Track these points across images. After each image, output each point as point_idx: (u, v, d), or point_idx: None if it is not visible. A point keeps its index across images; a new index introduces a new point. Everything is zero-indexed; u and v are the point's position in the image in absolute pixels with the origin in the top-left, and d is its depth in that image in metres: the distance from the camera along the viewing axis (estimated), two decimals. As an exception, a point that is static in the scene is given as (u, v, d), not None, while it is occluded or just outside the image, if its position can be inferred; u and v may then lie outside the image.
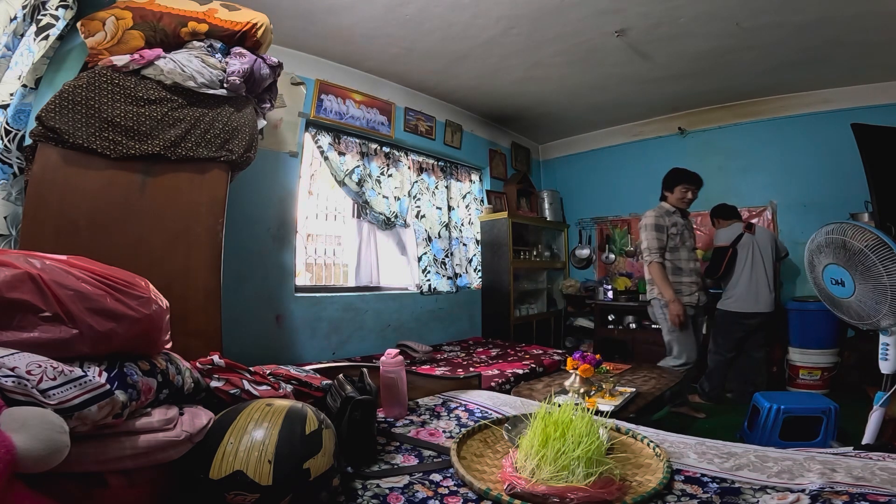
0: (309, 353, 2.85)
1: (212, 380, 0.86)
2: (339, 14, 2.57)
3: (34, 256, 0.59)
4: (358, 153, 3.34)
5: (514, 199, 4.41)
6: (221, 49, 1.69)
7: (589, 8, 2.51)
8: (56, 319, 0.56)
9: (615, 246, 4.55)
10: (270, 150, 2.74)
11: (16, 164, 1.47)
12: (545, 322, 4.40)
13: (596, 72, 3.32)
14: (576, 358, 2.06)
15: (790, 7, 2.44)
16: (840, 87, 3.35)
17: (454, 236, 4.05)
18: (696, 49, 2.93)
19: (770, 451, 0.84)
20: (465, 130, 4.16)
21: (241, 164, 1.71)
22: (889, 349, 1.57)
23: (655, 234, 2.64)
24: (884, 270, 1.52)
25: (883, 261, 1.52)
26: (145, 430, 0.63)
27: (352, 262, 3.38)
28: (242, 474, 0.60)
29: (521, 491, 0.68)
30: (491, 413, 1.12)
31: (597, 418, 0.79)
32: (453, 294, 3.89)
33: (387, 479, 0.79)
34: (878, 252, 1.53)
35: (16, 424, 0.44)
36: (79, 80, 1.43)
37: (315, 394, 0.99)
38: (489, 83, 3.57)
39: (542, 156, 5.23)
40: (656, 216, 2.68)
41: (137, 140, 1.49)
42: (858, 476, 0.70)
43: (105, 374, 0.59)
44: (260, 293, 2.67)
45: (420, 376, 1.37)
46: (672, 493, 0.71)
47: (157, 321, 0.69)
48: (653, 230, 2.64)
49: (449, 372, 2.57)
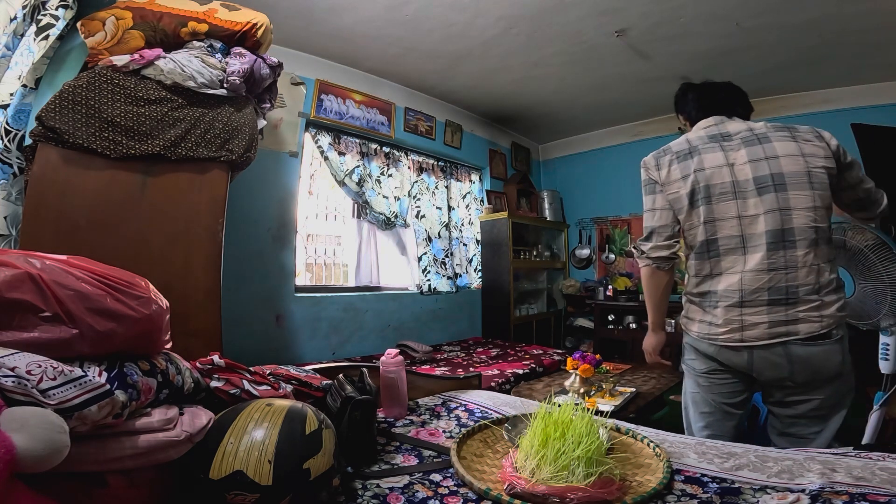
0: (309, 353, 2.85)
1: (212, 380, 0.86)
2: (339, 14, 2.57)
3: (34, 256, 0.59)
4: (358, 153, 3.35)
5: (514, 199, 4.41)
6: (221, 49, 1.69)
7: (589, 8, 2.51)
8: (56, 319, 0.56)
9: (615, 246, 4.55)
10: (270, 150, 2.74)
11: (16, 164, 1.47)
12: (545, 322, 4.40)
13: (596, 72, 3.32)
14: (576, 358, 2.06)
15: (790, 7, 2.43)
16: (840, 87, 3.35)
17: (454, 236, 4.05)
18: (696, 49, 2.93)
19: (770, 451, 0.84)
20: (465, 130, 4.16)
21: (241, 164, 1.71)
22: (889, 349, 1.56)
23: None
24: (884, 270, 1.52)
25: (883, 261, 1.52)
26: (145, 430, 0.62)
27: (352, 262, 3.38)
28: (242, 474, 0.60)
29: (521, 491, 0.68)
30: (491, 413, 1.12)
31: (597, 418, 0.79)
32: (453, 294, 3.89)
33: (387, 479, 0.79)
34: (878, 252, 1.53)
35: (16, 424, 0.44)
36: (79, 80, 1.43)
37: (315, 394, 0.99)
38: (489, 83, 3.57)
39: (542, 156, 5.23)
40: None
41: (137, 140, 1.49)
42: (858, 476, 0.70)
43: (105, 374, 0.59)
44: (260, 293, 2.67)
45: (420, 376, 1.37)
46: (672, 493, 0.71)
47: (157, 321, 0.69)
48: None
49: (449, 372, 2.57)
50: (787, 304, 1.08)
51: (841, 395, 1.10)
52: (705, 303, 1.20)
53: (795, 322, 1.07)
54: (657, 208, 1.28)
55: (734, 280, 1.13)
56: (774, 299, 1.09)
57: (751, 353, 1.12)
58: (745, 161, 1.14)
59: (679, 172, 1.23)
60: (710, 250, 1.17)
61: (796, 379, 1.09)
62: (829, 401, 1.09)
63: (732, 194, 1.15)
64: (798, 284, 1.07)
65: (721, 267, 1.16)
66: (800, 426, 1.13)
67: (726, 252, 1.15)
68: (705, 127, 1.27)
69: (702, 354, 1.24)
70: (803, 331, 1.06)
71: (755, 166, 1.13)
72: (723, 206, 1.15)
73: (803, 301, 1.07)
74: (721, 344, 1.16)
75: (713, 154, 1.19)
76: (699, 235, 1.19)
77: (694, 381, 1.28)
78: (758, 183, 1.12)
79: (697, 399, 1.28)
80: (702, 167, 1.19)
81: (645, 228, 1.32)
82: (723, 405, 1.23)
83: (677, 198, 1.23)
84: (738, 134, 1.20)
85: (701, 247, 1.19)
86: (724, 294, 1.14)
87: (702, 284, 1.21)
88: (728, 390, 1.22)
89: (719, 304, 1.15)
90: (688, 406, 1.32)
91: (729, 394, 1.22)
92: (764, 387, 1.17)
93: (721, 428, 1.23)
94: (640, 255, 1.32)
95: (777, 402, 1.15)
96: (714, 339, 1.17)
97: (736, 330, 1.12)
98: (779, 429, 1.17)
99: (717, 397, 1.23)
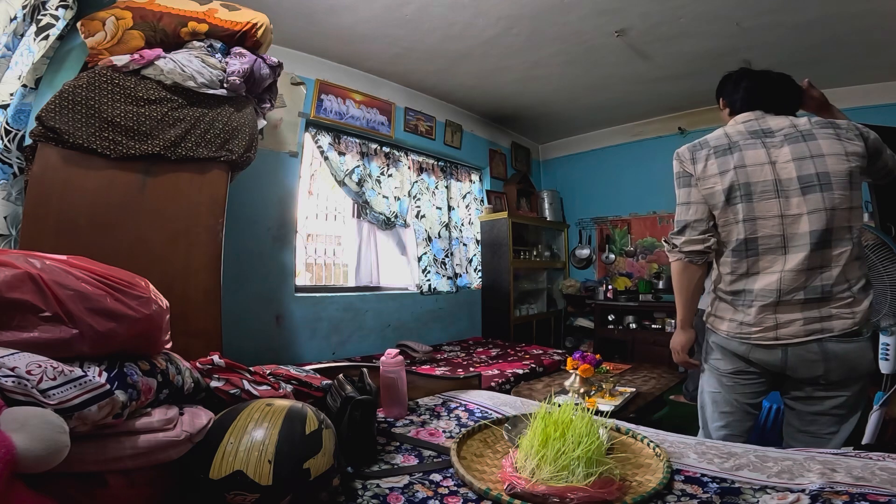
0: (309, 353, 2.85)
1: (212, 380, 0.86)
2: (339, 14, 2.57)
3: (34, 256, 0.59)
4: (358, 153, 3.35)
5: (514, 199, 4.42)
6: (221, 49, 1.69)
7: (589, 8, 2.51)
8: (56, 319, 0.56)
9: (615, 246, 4.55)
10: (270, 150, 2.74)
11: (16, 164, 1.47)
12: (545, 322, 4.41)
13: (596, 72, 3.32)
14: (576, 358, 2.06)
15: (790, 7, 2.44)
16: (840, 87, 3.35)
17: (454, 236, 4.05)
18: (696, 49, 2.93)
19: (770, 451, 0.84)
20: (465, 130, 4.16)
21: (241, 164, 1.71)
22: (889, 349, 1.57)
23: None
24: (884, 270, 1.52)
25: (883, 261, 1.52)
26: (145, 430, 0.62)
27: (352, 262, 3.38)
28: (242, 474, 0.60)
29: (521, 491, 0.68)
30: (491, 413, 1.12)
31: (597, 418, 0.79)
32: (453, 294, 3.89)
33: (387, 479, 0.79)
34: (878, 252, 1.53)
35: (16, 424, 0.44)
36: (79, 80, 1.43)
37: (315, 394, 0.99)
38: (489, 83, 3.57)
39: (542, 156, 5.23)
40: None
41: (137, 140, 1.49)
42: (858, 476, 0.70)
43: (105, 374, 0.59)
44: (260, 293, 2.67)
45: (420, 376, 1.37)
46: (672, 493, 0.71)
47: (157, 321, 0.69)
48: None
49: (449, 372, 2.57)
50: (820, 301, 1.08)
51: (861, 396, 1.10)
52: (738, 301, 1.18)
53: (829, 319, 1.07)
54: (692, 202, 1.23)
55: (773, 279, 1.11)
56: (810, 298, 1.08)
57: (785, 351, 1.11)
58: (788, 159, 1.11)
59: (717, 168, 1.18)
60: (749, 248, 1.15)
61: (830, 377, 1.08)
62: (852, 399, 1.09)
63: (775, 192, 1.11)
64: (833, 283, 1.06)
65: (759, 266, 1.14)
66: (819, 424, 1.12)
67: (766, 251, 1.13)
68: (745, 121, 1.22)
69: (729, 354, 1.22)
70: (837, 327, 1.06)
71: (800, 165, 1.10)
72: (764, 204, 1.12)
73: (836, 299, 1.06)
74: (754, 343, 1.14)
75: (754, 151, 1.15)
76: (737, 233, 1.16)
77: (717, 380, 1.26)
78: (802, 182, 1.09)
79: (718, 399, 1.26)
80: (742, 164, 1.15)
81: (678, 222, 1.26)
82: (745, 405, 1.22)
83: (712, 193, 1.18)
84: (780, 130, 1.16)
85: (738, 245, 1.16)
86: (761, 293, 1.12)
87: (736, 283, 1.18)
88: (752, 391, 1.21)
89: (754, 303, 1.13)
90: (705, 405, 1.30)
91: (752, 394, 1.22)
92: (795, 383, 1.15)
93: (740, 428, 1.22)
94: (672, 249, 1.26)
95: (805, 396, 1.14)
96: (746, 338, 1.15)
97: (770, 329, 1.11)
98: (797, 426, 1.16)
99: (740, 397, 1.22)
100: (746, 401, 1.22)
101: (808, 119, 1.17)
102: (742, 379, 1.21)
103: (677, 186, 1.28)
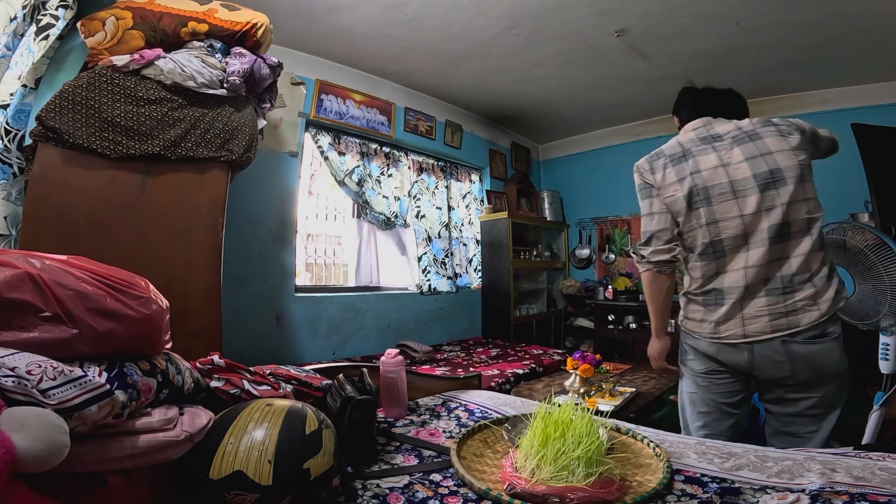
0: (309, 353, 2.85)
1: (212, 380, 0.86)
2: (339, 14, 2.57)
3: (34, 256, 0.59)
4: (358, 153, 3.35)
5: (514, 199, 4.42)
6: (221, 49, 1.69)
7: (589, 8, 2.51)
8: (56, 319, 0.56)
9: (615, 246, 4.55)
10: (270, 150, 2.74)
11: (16, 164, 1.47)
12: (545, 322, 4.40)
13: (596, 72, 3.32)
14: (576, 358, 2.06)
15: (790, 7, 2.44)
16: (840, 87, 3.36)
17: (454, 236, 4.05)
18: (696, 49, 2.93)
19: (770, 451, 0.84)
20: (465, 130, 4.16)
21: (241, 164, 1.71)
22: (889, 349, 1.57)
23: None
24: (884, 270, 1.52)
25: (883, 261, 1.52)
26: (145, 430, 0.62)
27: (352, 262, 3.38)
28: (242, 474, 0.60)
29: (521, 491, 0.68)
30: (491, 413, 1.12)
31: (597, 418, 0.79)
32: (453, 294, 3.89)
33: (387, 479, 0.79)
34: (878, 252, 1.53)
35: (16, 424, 0.44)
36: (79, 80, 1.43)
37: (315, 394, 0.99)
38: (489, 83, 3.57)
39: (542, 156, 5.23)
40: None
41: (137, 140, 1.49)
42: (858, 476, 0.70)
43: (105, 374, 0.59)
44: (260, 293, 2.67)
45: (420, 376, 1.37)
46: (672, 493, 0.71)
47: (157, 321, 0.69)
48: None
49: (449, 372, 2.57)
50: (783, 293, 1.10)
51: (837, 394, 1.12)
52: (709, 301, 1.21)
53: (795, 312, 1.09)
54: (655, 212, 1.29)
55: (739, 276, 1.15)
56: (773, 289, 1.11)
57: (751, 351, 1.13)
58: (741, 160, 1.16)
59: (675, 175, 1.23)
60: (716, 251, 1.19)
61: (797, 378, 1.10)
62: (827, 399, 1.11)
63: (731, 194, 1.16)
64: (793, 273, 1.10)
65: (725, 265, 1.18)
66: (797, 425, 1.14)
67: (731, 251, 1.16)
68: (694, 129, 1.28)
69: (701, 354, 1.25)
70: (805, 321, 1.08)
71: (753, 164, 1.14)
72: (724, 206, 1.16)
73: (798, 290, 1.09)
74: (723, 342, 1.17)
75: (706, 156, 1.20)
76: (702, 237, 1.20)
77: (692, 381, 1.30)
78: (758, 180, 1.13)
79: (695, 399, 1.29)
80: (697, 169, 1.20)
81: (643, 233, 1.32)
82: (721, 405, 1.25)
83: (674, 200, 1.23)
84: (727, 133, 1.21)
85: (705, 248, 1.20)
86: (729, 291, 1.16)
87: (706, 284, 1.21)
88: (726, 390, 1.24)
89: (725, 301, 1.17)
90: (685, 406, 1.33)
91: (727, 394, 1.24)
92: (763, 385, 1.18)
93: (718, 427, 1.25)
94: (641, 260, 1.31)
95: (776, 399, 1.17)
96: (716, 337, 1.18)
97: (738, 325, 1.14)
98: (776, 427, 1.19)
99: (715, 397, 1.25)
100: (722, 400, 1.24)
101: (750, 120, 1.23)
102: (715, 378, 1.24)
103: (640, 198, 1.34)
